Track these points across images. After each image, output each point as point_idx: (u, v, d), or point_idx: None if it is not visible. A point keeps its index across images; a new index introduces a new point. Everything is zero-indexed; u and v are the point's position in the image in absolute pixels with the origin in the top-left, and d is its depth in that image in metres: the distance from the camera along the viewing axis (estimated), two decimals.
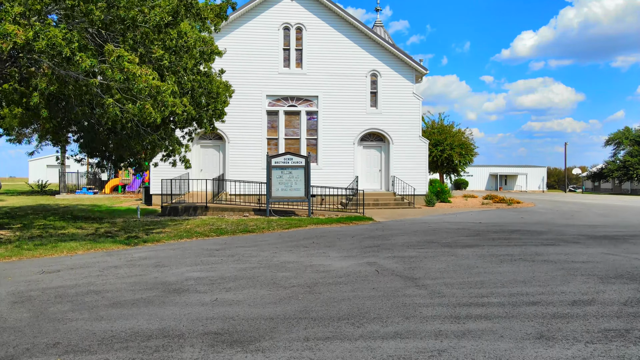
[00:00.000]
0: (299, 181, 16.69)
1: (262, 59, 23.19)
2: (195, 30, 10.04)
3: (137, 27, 8.28)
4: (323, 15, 23.58)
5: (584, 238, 10.81)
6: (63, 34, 7.67)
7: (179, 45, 9.28)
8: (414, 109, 24.17)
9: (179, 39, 9.19)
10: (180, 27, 9.13)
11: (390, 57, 23.94)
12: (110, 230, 11.93)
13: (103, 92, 8.62)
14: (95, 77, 8.29)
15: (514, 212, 19.81)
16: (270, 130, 23.57)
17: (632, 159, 59.76)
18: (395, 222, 14.80)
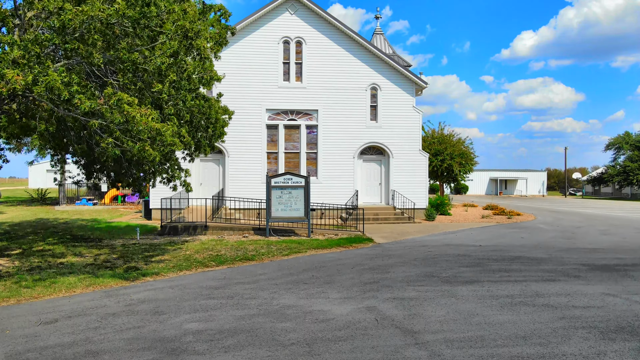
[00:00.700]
0: (299, 201, 16.65)
1: (262, 72, 23.17)
2: (195, 60, 10.00)
3: (137, 68, 8.24)
4: (323, 29, 23.54)
5: (584, 269, 10.77)
6: (62, 78, 7.63)
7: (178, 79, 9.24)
8: (414, 122, 24.14)
9: (179, 73, 9.15)
10: (179, 59, 9.08)
11: (390, 71, 23.91)
12: (109, 259, 11.89)
13: (102, 131, 8.58)
14: (94, 116, 8.24)
15: (513, 229, 19.75)
16: (270, 144, 23.55)
17: (632, 164, 59.72)
18: (395, 245, 14.75)
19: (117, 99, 7.79)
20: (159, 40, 8.61)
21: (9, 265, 11.03)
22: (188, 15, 8.55)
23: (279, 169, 23.49)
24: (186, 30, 8.51)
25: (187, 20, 8.50)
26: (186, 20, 8.48)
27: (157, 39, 8.68)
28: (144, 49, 8.35)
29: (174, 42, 8.43)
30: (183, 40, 8.72)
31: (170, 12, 8.68)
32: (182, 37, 8.66)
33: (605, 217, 27.18)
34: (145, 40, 8.61)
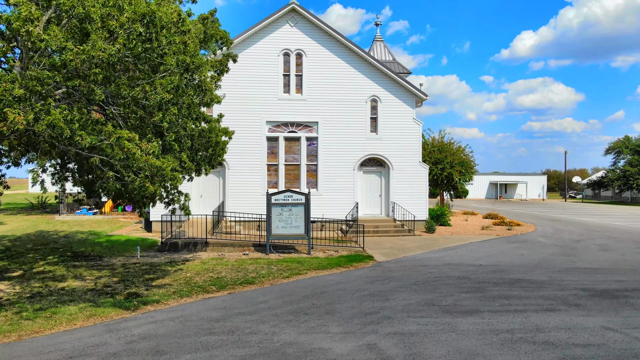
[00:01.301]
0: (299, 218, 16.66)
1: (262, 84, 23.20)
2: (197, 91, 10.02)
3: (138, 103, 8.26)
4: (323, 41, 23.56)
5: (584, 296, 10.78)
6: (64, 116, 7.65)
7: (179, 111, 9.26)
8: (414, 134, 24.17)
9: (180, 106, 9.17)
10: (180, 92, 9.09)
11: (391, 83, 23.93)
12: (109, 283, 11.91)
13: (104, 164, 8.60)
14: (96, 151, 8.26)
15: (513, 243, 19.77)
16: (271, 156, 23.57)
17: (632, 169, 59.78)
18: (395, 264, 14.77)
19: (118, 137, 7.80)
20: (160, 72, 8.62)
21: (10, 292, 11.04)
22: (189, 49, 8.56)
23: (279, 181, 23.52)
24: (187, 65, 8.53)
25: (188, 54, 8.52)
26: (187, 55, 8.49)
27: (158, 69, 8.69)
28: (144, 83, 8.37)
29: (175, 76, 8.44)
30: (184, 73, 8.73)
31: (172, 43, 8.70)
32: (183, 70, 8.67)
33: (605, 228, 27.20)
34: (146, 73, 8.62)
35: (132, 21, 7.65)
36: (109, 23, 7.52)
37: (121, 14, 7.71)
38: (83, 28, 7.79)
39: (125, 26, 7.57)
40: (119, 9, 7.71)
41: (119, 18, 7.58)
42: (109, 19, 7.61)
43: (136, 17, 7.65)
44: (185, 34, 8.88)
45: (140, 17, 7.66)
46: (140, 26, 7.67)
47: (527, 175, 72.37)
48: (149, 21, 7.75)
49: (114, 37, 7.69)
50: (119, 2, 7.67)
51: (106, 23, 7.60)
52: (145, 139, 9.01)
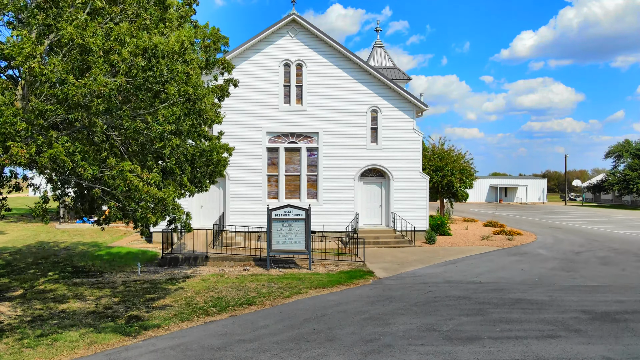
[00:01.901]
0: (300, 234, 16.68)
1: (263, 95, 23.21)
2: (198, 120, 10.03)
3: (140, 133, 8.27)
4: (323, 52, 23.57)
5: (585, 319, 10.79)
6: (66, 148, 7.66)
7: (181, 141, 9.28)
8: (414, 144, 24.18)
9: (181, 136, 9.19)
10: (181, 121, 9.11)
11: (391, 93, 23.94)
12: (110, 305, 11.91)
13: (105, 194, 8.61)
14: (98, 181, 8.27)
15: (514, 256, 19.77)
16: (271, 166, 23.58)
17: (632, 173, 59.77)
18: (395, 282, 14.78)
19: (120, 170, 7.81)
20: (162, 100, 8.63)
21: (12, 315, 11.06)
22: (191, 79, 8.57)
23: (279, 192, 23.53)
24: (189, 95, 8.54)
25: (190, 85, 8.53)
26: (189, 85, 8.50)
27: (159, 98, 8.70)
28: (146, 113, 8.38)
29: (177, 107, 8.46)
30: (186, 102, 8.74)
31: (174, 72, 8.70)
32: (185, 100, 8.68)
33: (605, 237, 27.20)
34: (147, 102, 8.63)
35: (134, 55, 7.66)
36: (111, 57, 7.53)
37: (123, 47, 7.72)
38: (83, 59, 7.80)
39: (127, 60, 7.58)
40: (121, 42, 7.71)
41: (120, 52, 7.59)
42: (111, 53, 7.61)
43: (138, 51, 7.66)
44: (187, 63, 8.88)
45: (142, 51, 7.67)
46: (142, 60, 7.67)
47: (527, 178, 72.39)
48: (150, 55, 7.75)
49: (116, 69, 7.69)
50: (120, 36, 7.67)
51: (108, 57, 7.60)
52: (146, 169, 9.03)
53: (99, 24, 9.19)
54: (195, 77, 8.72)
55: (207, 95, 9.51)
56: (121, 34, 7.71)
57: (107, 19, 9.46)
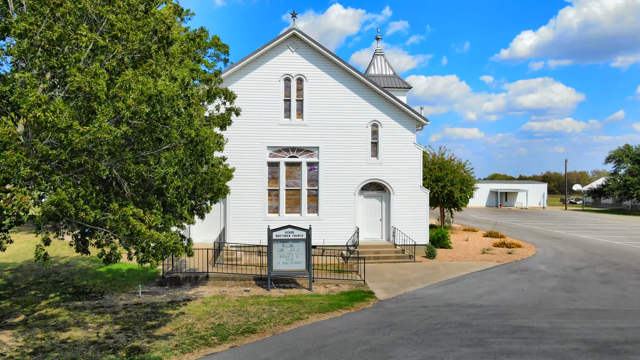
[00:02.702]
0: (300, 254, 16.71)
1: (263, 110, 23.25)
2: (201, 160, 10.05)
3: (143, 177, 8.30)
4: (324, 66, 23.60)
5: (585, 350, 10.82)
6: (69, 194, 7.69)
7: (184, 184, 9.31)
8: (414, 158, 24.21)
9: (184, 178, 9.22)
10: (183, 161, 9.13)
11: (392, 108, 23.97)
12: (111, 334, 11.94)
13: (107, 236, 8.63)
14: (100, 225, 8.30)
15: (514, 274, 19.79)
16: (271, 181, 23.61)
17: (632, 179, 59.80)
18: (396, 305, 14.80)
19: (122, 214, 7.84)
20: (164, 142, 8.66)
21: (13, 345, 11.08)
22: (194, 122, 8.60)
23: (280, 206, 23.56)
24: (192, 138, 8.56)
25: (192, 127, 8.55)
26: (192, 128, 8.53)
27: (162, 140, 8.73)
28: (149, 156, 8.40)
29: (179, 150, 8.48)
30: (188, 144, 8.77)
31: (177, 113, 8.73)
32: (188, 142, 8.71)
33: (605, 249, 27.22)
34: (150, 144, 8.66)
35: (139, 102, 7.68)
36: (116, 105, 7.56)
37: (128, 93, 7.74)
38: (89, 106, 7.83)
39: (131, 108, 7.60)
40: (126, 89, 7.72)
41: (126, 100, 7.61)
42: (116, 100, 7.64)
43: (143, 98, 7.68)
44: (190, 104, 8.91)
45: (147, 98, 7.69)
46: (147, 106, 7.69)
47: (528, 183, 72.43)
48: (155, 101, 7.78)
49: (120, 116, 7.71)
50: (125, 84, 7.69)
51: (113, 103, 7.63)
52: (147, 208, 9.05)
53: (101, 62, 9.23)
54: (199, 120, 8.74)
55: (209, 137, 9.53)
56: (126, 81, 7.73)
57: (109, 56, 9.50)
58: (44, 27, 8.20)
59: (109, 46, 9.33)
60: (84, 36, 8.64)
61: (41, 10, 8.16)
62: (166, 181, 8.54)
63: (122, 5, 9.66)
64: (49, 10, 8.07)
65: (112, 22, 9.49)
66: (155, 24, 9.88)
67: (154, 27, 9.83)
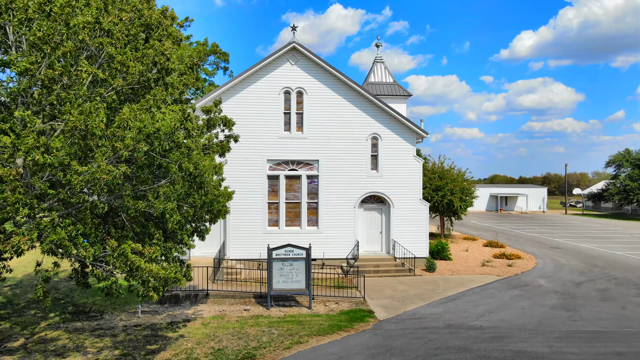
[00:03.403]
0: (300, 273, 16.70)
1: (263, 123, 23.24)
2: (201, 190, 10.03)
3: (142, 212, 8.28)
4: (324, 79, 23.59)
5: None
6: (68, 232, 7.68)
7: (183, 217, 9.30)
8: (414, 171, 24.20)
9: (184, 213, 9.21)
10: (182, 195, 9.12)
11: (391, 120, 23.96)
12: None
13: (106, 271, 8.63)
14: (99, 262, 8.29)
15: (514, 289, 19.77)
16: (271, 194, 23.60)
17: (633, 184, 59.78)
18: (396, 326, 14.79)
19: (121, 252, 7.83)
20: (163, 177, 8.64)
21: None
22: (192, 156, 8.59)
23: (279, 219, 23.55)
24: (191, 172, 8.56)
25: (191, 162, 8.54)
26: (190, 163, 8.52)
27: (161, 175, 8.72)
28: (148, 191, 8.39)
29: (178, 185, 8.48)
30: (188, 177, 8.76)
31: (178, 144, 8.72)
32: (187, 175, 8.70)
33: (605, 261, 27.21)
34: (150, 178, 8.64)
35: (137, 141, 7.67)
36: (115, 145, 7.55)
37: (126, 132, 7.73)
38: (87, 144, 7.82)
39: (130, 147, 7.59)
40: (124, 127, 7.72)
41: (124, 139, 7.60)
42: (114, 140, 7.63)
43: (141, 137, 7.67)
44: (190, 135, 8.89)
45: (145, 137, 7.69)
46: (145, 145, 7.69)
47: (528, 187, 72.41)
48: (153, 139, 7.77)
49: (118, 155, 7.71)
50: (123, 123, 7.68)
51: (111, 142, 7.62)
52: (147, 238, 9.03)
53: (101, 95, 9.22)
54: (197, 153, 8.73)
55: (208, 170, 9.52)
56: (124, 119, 7.72)
57: (109, 89, 9.49)
58: (44, 65, 8.18)
59: (108, 79, 9.34)
60: (84, 72, 8.64)
61: (43, 49, 8.14)
62: (165, 216, 8.53)
63: (121, 37, 9.65)
64: (50, 49, 8.06)
65: (111, 55, 9.50)
66: (155, 55, 9.87)
67: (153, 58, 9.82)
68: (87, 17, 9.21)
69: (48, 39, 7.96)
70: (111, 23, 9.66)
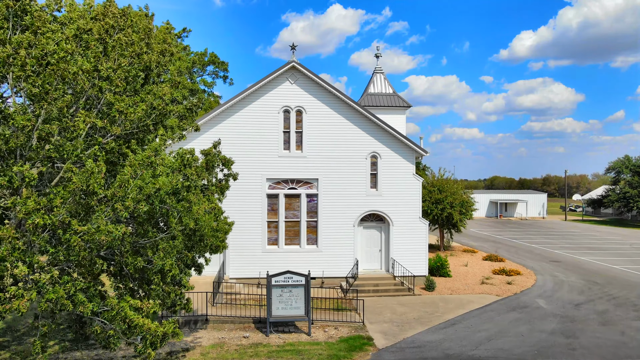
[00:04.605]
0: (299, 299, 16.73)
1: (263, 142, 23.26)
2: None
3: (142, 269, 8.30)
4: (323, 98, 23.62)
5: None
6: (66, 290, 7.69)
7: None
8: (414, 190, 24.22)
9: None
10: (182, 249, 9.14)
11: (391, 139, 23.98)
12: None
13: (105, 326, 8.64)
14: (98, 315, 8.30)
15: (513, 312, 19.78)
16: (271, 213, 23.62)
17: (632, 191, 59.78)
18: (394, 355, 14.81)
19: (120, 309, 7.84)
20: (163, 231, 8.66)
21: None
22: (192, 212, 8.61)
23: (279, 238, 23.57)
24: (191, 229, 8.58)
25: (192, 217, 8.57)
26: (191, 218, 8.54)
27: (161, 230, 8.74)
28: (148, 249, 8.41)
29: (178, 239, 8.49)
30: (188, 231, 8.78)
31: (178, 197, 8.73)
32: (187, 229, 8.72)
33: (605, 278, 27.24)
34: (149, 231, 8.66)
35: (137, 201, 7.69)
36: (115, 206, 7.57)
37: (127, 193, 7.74)
38: (87, 204, 7.84)
39: (130, 209, 7.61)
40: (124, 188, 7.73)
41: (124, 201, 7.61)
42: (115, 200, 7.65)
43: (142, 197, 7.69)
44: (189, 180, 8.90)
45: (145, 197, 7.71)
46: (145, 205, 7.71)
47: (527, 193, 72.42)
48: (154, 198, 7.79)
49: (119, 216, 7.72)
50: (124, 183, 7.69)
51: (111, 204, 7.64)
52: (145, 289, 9.05)
53: (100, 144, 9.24)
54: (197, 208, 8.75)
55: (209, 224, 9.54)
56: (125, 180, 7.73)
57: (107, 136, 9.51)
58: (41, 121, 8.20)
59: (107, 127, 9.36)
60: (82, 122, 8.65)
61: (41, 104, 8.15)
62: (164, 271, 8.55)
63: (120, 84, 9.67)
64: (47, 105, 8.07)
65: (110, 101, 9.52)
66: (154, 99, 9.88)
67: (151, 103, 9.83)
68: (85, 64, 9.23)
69: (45, 94, 7.97)
70: (110, 69, 9.68)
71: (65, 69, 8.08)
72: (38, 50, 8.18)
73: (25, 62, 7.92)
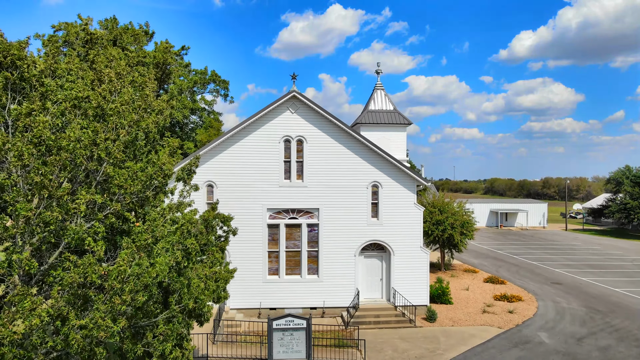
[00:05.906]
0: (300, 343, 16.63)
1: (263, 171, 23.16)
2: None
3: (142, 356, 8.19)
4: (324, 128, 23.50)
5: None
6: None
7: None
8: (415, 219, 24.11)
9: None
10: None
11: (391, 168, 23.87)
12: None
13: None
14: None
15: (515, 348, 19.67)
16: (271, 242, 23.53)
17: (633, 202, 59.68)
18: None
19: None
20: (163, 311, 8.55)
21: None
22: (192, 289, 8.50)
23: (280, 268, 23.47)
24: (191, 308, 8.47)
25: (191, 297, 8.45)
26: (190, 299, 8.43)
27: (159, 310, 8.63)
28: (147, 327, 8.29)
29: (178, 319, 8.38)
30: (187, 311, 8.67)
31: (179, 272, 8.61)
32: (187, 310, 8.61)
33: (607, 305, 27.12)
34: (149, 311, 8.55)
35: (135, 292, 7.58)
36: (114, 300, 7.45)
37: (123, 286, 7.63)
38: (85, 294, 7.73)
39: (127, 302, 7.49)
40: (121, 278, 7.61)
41: (122, 294, 7.50)
42: (112, 294, 7.53)
43: (139, 287, 7.58)
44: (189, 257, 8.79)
45: (143, 287, 7.59)
46: (144, 295, 7.59)
47: (528, 203, 72.30)
48: (152, 287, 7.67)
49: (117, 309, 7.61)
50: (121, 275, 7.57)
51: (109, 297, 7.53)
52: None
53: (100, 220, 9.12)
54: (196, 285, 8.64)
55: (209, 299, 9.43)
56: (122, 271, 7.61)
57: (107, 211, 9.39)
58: (42, 208, 8.08)
59: (107, 202, 9.25)
60: (83, 204, 8.53)
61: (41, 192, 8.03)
62: (164, 355, 8.44)
63: (119, 155, 9.55)
64: (48, 194, 7.95)
65: (109, 174, 9.41)
66: (153, 172, 9.77)
67: (151, 175, 9.72)
68: (84, 138, 9.11)
69: (43, 186, 7.86)
70: (109, 141, 9.57)
71: (67, 157, 7.97)
72: (35, 136, 8.07)
73: (22, 150, 7.81)
